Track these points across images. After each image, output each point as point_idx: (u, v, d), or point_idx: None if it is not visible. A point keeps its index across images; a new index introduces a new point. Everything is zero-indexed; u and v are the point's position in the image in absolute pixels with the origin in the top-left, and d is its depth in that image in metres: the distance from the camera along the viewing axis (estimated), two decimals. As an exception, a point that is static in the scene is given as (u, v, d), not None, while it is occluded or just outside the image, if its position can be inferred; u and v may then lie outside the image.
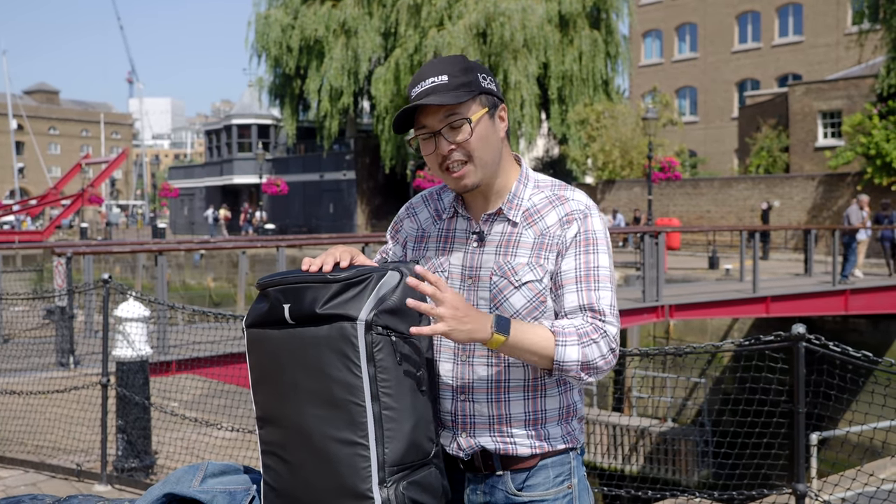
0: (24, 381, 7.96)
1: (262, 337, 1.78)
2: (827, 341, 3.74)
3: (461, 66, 1.87)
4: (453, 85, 1.84)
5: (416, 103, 1.84)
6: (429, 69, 1.87)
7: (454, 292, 1.75)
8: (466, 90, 1.84)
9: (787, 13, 40.87)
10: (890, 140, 23.29)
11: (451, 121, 1.85)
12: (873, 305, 16.02)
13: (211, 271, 30.24)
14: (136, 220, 65.16)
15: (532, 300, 1.87)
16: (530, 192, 1.95)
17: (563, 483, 1.93)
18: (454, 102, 1.82)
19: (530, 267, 1.87)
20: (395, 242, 2.08)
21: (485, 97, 1.89)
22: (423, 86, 1.85)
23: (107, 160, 45.44)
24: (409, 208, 2.10)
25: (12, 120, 72.34)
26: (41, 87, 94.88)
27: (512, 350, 1.78)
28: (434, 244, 1.99)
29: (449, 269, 1.94)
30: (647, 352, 4.38)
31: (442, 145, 1.86)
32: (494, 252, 1.90)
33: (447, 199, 2.02)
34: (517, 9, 30.48)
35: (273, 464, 1.78)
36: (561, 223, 1.89)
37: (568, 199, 1.92)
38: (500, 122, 1.93)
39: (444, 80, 1.84)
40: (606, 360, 1.82)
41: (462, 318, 1.72)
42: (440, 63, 1.88)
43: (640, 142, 30.09)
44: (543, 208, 1.92)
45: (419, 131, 1.89)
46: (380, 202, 38.42)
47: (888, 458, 7.71)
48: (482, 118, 1.87)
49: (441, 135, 1.85)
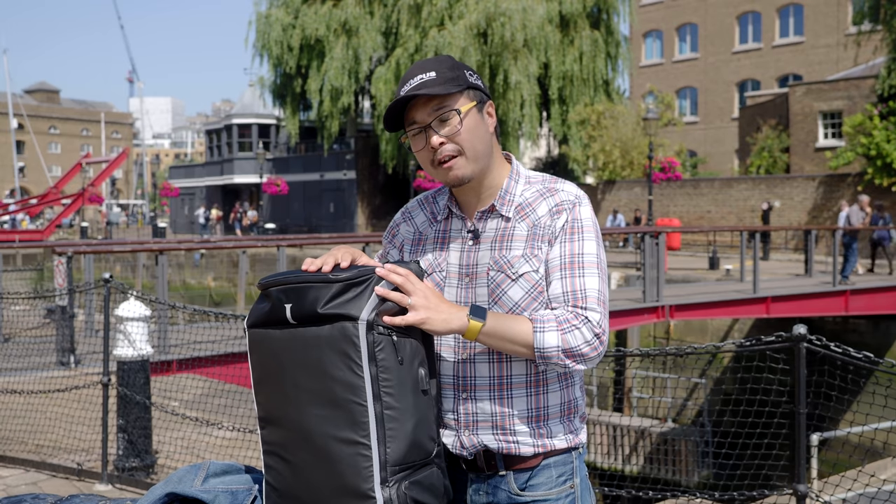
0: (24, 380, 7.96)
1: (263, 337, 1.79)
2: (828, 342, 3.74)
3: (448, 63, 1.91)
4: (441, 80, 1.86)
5: (404, 95, 1.86)
6: (416, 68, 1.90)
7: (427, 286, 1.79)
8: (454, 84, 1.87)
9: (787, 14, 40.87)
10: (890, 141, 23.29)
11: (440, 113, 1.87)
12: (874, 306, 16.02)
13: (211, 271, 30.24)
14: (137, 220, 65.18)
15: (530, 291, 1.87)
16: (522, 187, 1.96)
17: (565, 483, 1.93)
18: (443, 93, 1.85)
19: (525, 258, 1.88)
20: (392, 246, 2.10)
21: (472, 91, 1.91)
22: (412, 83, 1.87)
23: (107, 159, 45.45)
24: (404, 213, 2.12)
25: (13, 119, 72.37)
26: (42, 87, 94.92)
27: (490, 338, 1.80)
28: (431, 245, 2.00)
29: (447, 269, 1.95)
30: (647, 352, 4.38)
31: (432, 138, 1.87)
32: (490, 248, 1.92)
33: (441, 201, 2.04)
34: (518, 9, 30.49)
35: (275, 464, 1.79)
36: (551, 213, 1.90)
37: (558, 190, 1.93)
38: (489, 118, 1.95)
39: (431, 76, 1.86)
40: (592, 346, 1.80)
41: (434, 308, 1.75)
42: (427, 62, 1.91)
43: (640, 142, 30.09)
44: (535, 201, 1.93)
45: (410, 127, 1.91)
46: (380, 202, 38.42)
47: (889, 458, 7.71)
48: (470, 111, 1.89)
49: (431, 128, 1.87)
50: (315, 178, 40.74)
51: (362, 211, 38.45)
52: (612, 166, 30.79)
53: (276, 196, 39.66)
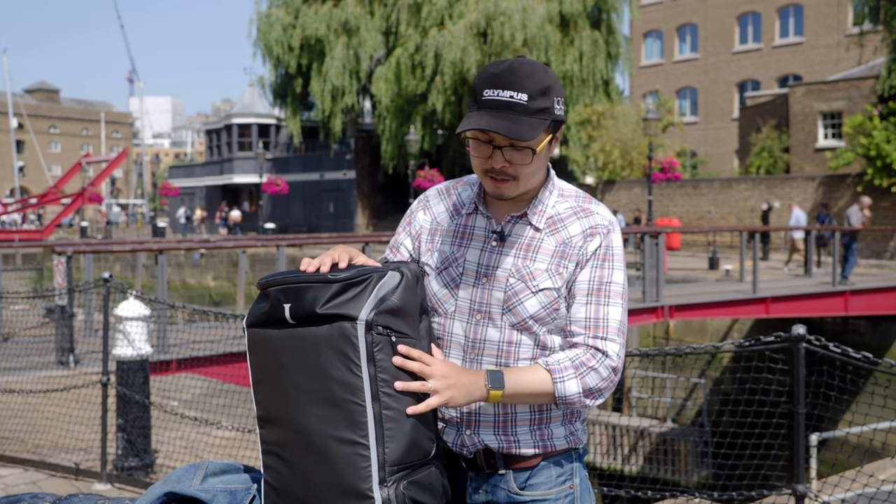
0: (24, 379, 7.96)
1: (262, 337, 1.78)
2: (827, 342, 3.74)
3: (542, 85, 1.79)
4: (531, 110, 1.78)
5: (489, 130, 1.76)
6: (509, 76, 1.78)
7: (442, 361, 1.78)
8: (541, 119, 1.79)
9: (787, 14, 40.88)
10: (890, 141, 23.27)
11: (518, 144, 1.81)
12: (873, 306, 16.02)
13: (211, 270, 30.25)
14: (137, 220, 65.15)
15: (547, 307, 1.87)
16: (555, 199, 1.94)
17: (565, 483, 1.94)
18: (528, 139, 1.76)
19: (549, 274, 1.87)
20: (407, 235, 2.06)
21: (554, 124, 1.85)
22: (500, 95, 1.78)
23: (107, 159, 45.44)
24: (422, 201, 2.08)
25: (13, 118, 72.28)
26: (41, 86, 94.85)
27: (512, 399, 1.82)
28: (449, 238, 1.97)
29: (464, 266, 1.93)
30: (646, 352, 4.38)
31: (497, 160, 1.83)
32: (513, 254, 1.90)
33: (466, 194, 2.01)
34: (518, 8, 30.49)
35: (273, 463, 1.79)
36: (584, 235, 1.89)
37: (593, 212, 1.92)
38: (555, 143, 1.91)
39: (522, 99, 1.77)
40: (608, 381, 1.84)
41: (455, 385, 1.76)
42: (521, 75, 1.79)
43: (640, 142, 30.09)
44: (567, 218, 1.92)
45: (479, 134, 1.84)
46: (380, 202, 38.42)
47: (888, 458, 7.72)
48: (545, 147, 1.85)
49: (501, 150, 1.83)
50: (315, 177, 40.74)
51: (362, 211, 38.45)
52: (611, 166, 30.79)
53: (276, 196, 39.67)
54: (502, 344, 1.89)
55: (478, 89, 1.82)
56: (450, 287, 1.93)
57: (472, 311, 1.91)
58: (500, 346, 1.89)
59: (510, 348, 1.89)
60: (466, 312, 1.91)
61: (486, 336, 1.90)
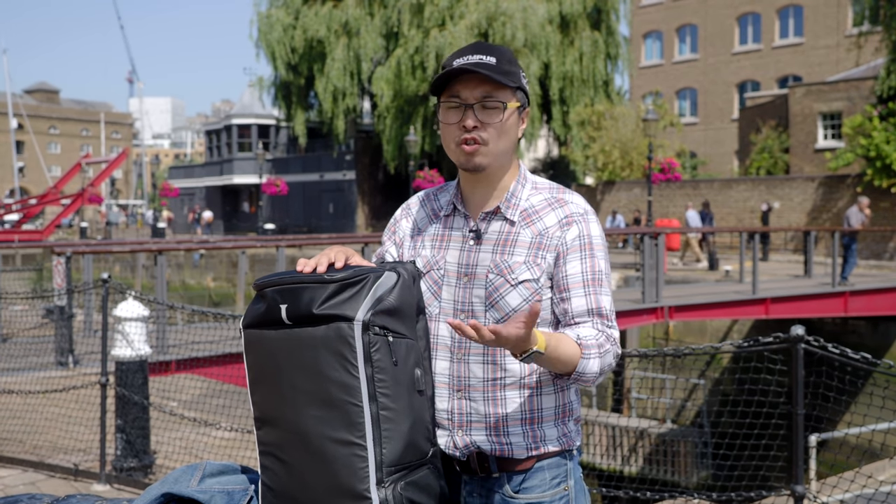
0: (22, 380, 7.96)
1: (259, 337, 1.78)
2: (826, 343, 3.74)
3: (509, 56, 1.91)
4: (500, 70, 1.86)
5: (463, 65, 1.85)
6: (476, 47, 1.89)
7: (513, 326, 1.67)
8: (511, 79, 1.87)
9: (787, 15, 40.87)
10: (890, 142, 23.27)
11: (487, 101, 1.87)
12: (873, 307, 16.01)
13: (210, 271, 30.24)
14: (136, 220, 65.15)
15: (528, 299, 1.88)
16: (528, 192, 1.97)
17: (559, 485, 1.93)
18: (502, 83, 1.85)
19: (527, 266, 1.88)
20: (392, 243, 2.09)
21: (521, 94, 1.93)
22: (470, 59, 1.86)
23: (107, 160, 45.39)
24: (404, 209, 2.12)
25: (12, 119, 72.30)
26: (41, 87, 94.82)
27: (548, 356, 1.75)
28: (430, 242, 2.00)
29: (445, 267, 1.95)
30: (646, 353, 4.38)
31: (469, 119, 1.87)
32: (491, 251, 1.92)
33: (444, 198, 2.04)
34: (518, 9, 30.51)
35: (271, 464, 1.78)
36: (560, 225, 1.91)
37: (567, 201, 1.94)
38: (521, 124, 1.96)
39: (491, 61, 1.86)
40: (612, 367, 1.90)
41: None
42: (489, 46, 1.90)
43: (640, 143, 30.09)
44: (542, 209, 1.93)
45: (450, 99, 1.90)
46: (380, 202, 38.41)
47: (887, 459, 7.70)
48: (513, 111, 1.91)
49: (472, 108, 1.87)
50: (315, 178, 40.74)
51: (362, 211, 38.45)
52: (611, 167, 30.79)
53: (275, 196, 39.68)
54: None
55: (446, 65, 1.89)
56: (433, 290, 1.95)
57: (455, 311, 1.92)
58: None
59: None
60: (451, 313, 1.92)
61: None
